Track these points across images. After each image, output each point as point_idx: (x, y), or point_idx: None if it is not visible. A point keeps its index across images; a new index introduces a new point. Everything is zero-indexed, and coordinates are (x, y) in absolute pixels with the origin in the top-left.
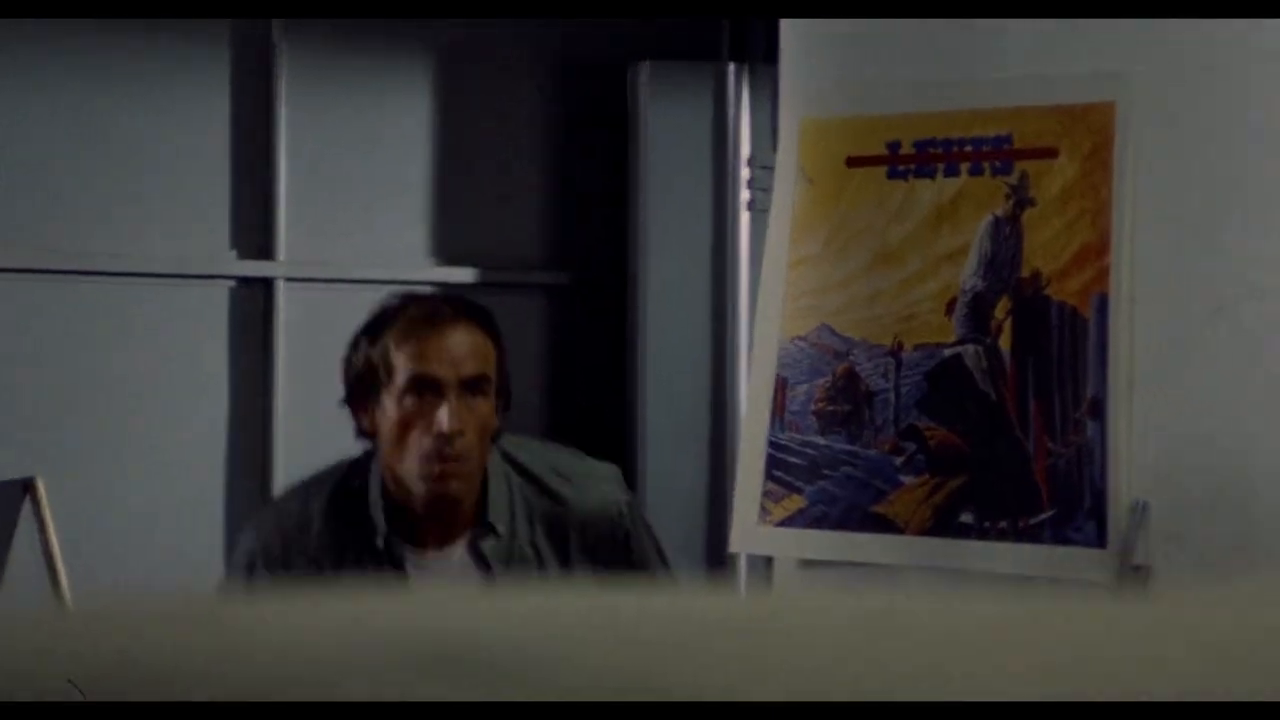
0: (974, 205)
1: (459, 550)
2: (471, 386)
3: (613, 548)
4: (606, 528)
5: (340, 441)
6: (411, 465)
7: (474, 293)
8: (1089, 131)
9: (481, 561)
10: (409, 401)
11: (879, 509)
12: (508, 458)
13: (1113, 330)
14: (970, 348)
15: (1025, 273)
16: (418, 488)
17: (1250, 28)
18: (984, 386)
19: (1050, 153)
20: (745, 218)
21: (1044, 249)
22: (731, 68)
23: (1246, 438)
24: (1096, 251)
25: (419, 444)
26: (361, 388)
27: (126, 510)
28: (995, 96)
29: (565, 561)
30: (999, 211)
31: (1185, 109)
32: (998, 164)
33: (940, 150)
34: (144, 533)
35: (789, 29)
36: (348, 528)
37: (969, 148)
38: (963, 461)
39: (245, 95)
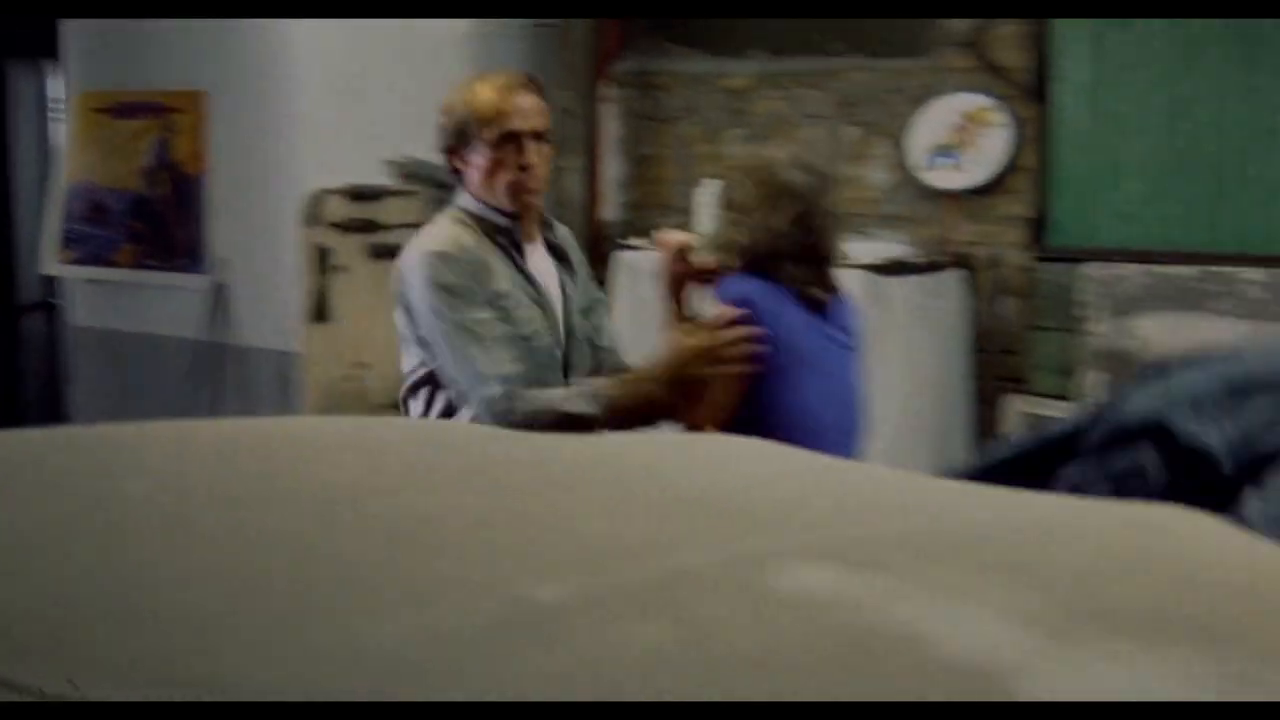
0: (152, 132)
1: (540, 244)
2: (539, 136)
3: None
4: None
5: None
6: (503, 190)
7: None
8: (195, 103)
9: (553, 248)
10: (499, 148)
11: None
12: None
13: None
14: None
15: (171, 161)
16: (508, 205)
17: (281, 50)
18: None
19: (180, 110)
20: (62, 131)
21: (178, 153)
22: (48, 63)
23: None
24: (201, 157)
25: (508, 176)
26: (456, 140)
27: None
28: (151, 86)
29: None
30: (160, 135)
31: (240, 93)
32: (158, 115)
33: (133, 108)
34: None
35: (67, 39)
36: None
37: (147, 107)
38: None
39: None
